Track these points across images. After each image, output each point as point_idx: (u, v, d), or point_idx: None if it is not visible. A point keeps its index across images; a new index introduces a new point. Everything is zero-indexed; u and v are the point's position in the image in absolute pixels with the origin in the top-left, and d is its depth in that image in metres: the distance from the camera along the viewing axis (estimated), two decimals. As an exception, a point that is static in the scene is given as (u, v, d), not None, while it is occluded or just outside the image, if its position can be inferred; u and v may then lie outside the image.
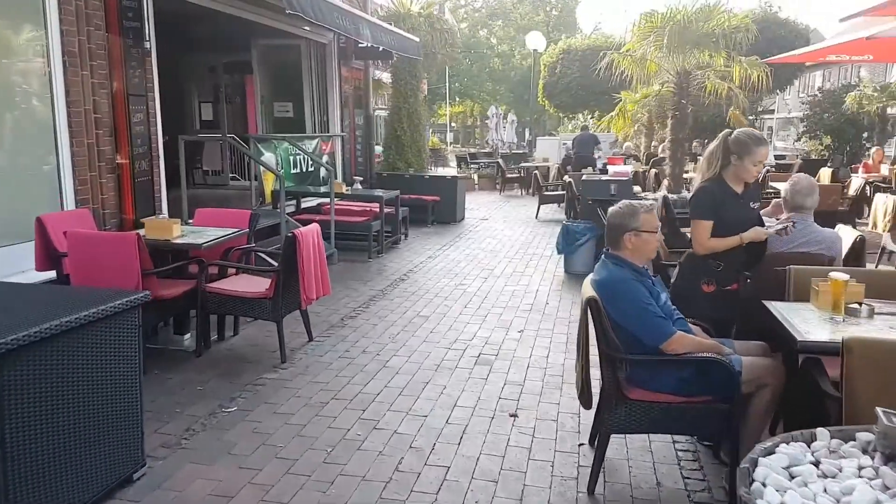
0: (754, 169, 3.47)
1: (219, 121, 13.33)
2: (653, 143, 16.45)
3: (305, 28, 9.91)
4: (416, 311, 6.08)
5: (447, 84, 31.08)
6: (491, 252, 9.00)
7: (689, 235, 3.61)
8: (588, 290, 3.00)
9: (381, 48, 11.43)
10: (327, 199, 9.30)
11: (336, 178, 10.90)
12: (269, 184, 8.76)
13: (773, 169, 12.29)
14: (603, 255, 3.15)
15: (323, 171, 9.94)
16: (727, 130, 3.60)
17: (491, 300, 6.51)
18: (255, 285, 4.83)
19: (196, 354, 4.78)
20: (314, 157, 9.53)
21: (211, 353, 4.88)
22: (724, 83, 8.93)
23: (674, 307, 3.11)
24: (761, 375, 2.93)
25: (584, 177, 8.14)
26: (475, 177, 17.55)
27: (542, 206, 12.69)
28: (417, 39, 11.03)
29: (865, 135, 16.51)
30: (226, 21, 8.97)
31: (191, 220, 5.79)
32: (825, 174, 11.14)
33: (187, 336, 5.07)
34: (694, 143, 15.39)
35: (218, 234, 4.93)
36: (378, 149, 14.58)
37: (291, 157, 9.34)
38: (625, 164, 14.11)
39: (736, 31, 8.83)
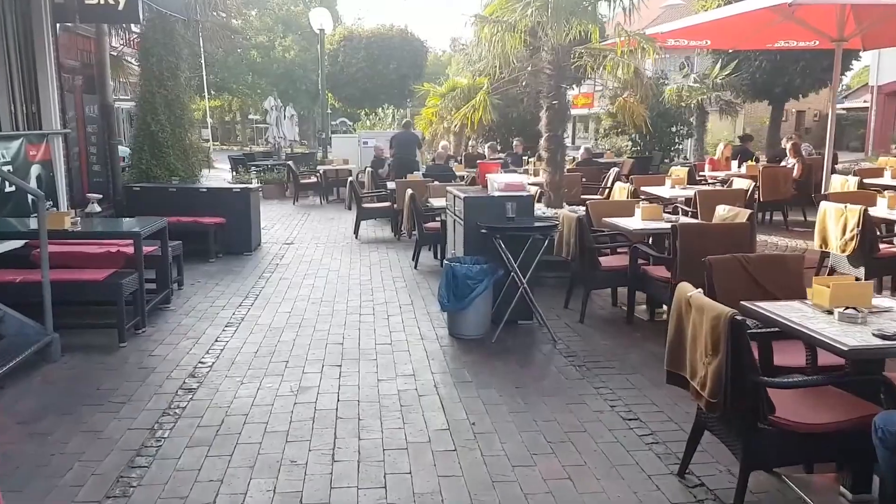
0: None
1: None
2: (470, 143, 14.36)
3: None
4: (233, 496, 2.97)
5: (204, 73, 26.72)
6: (324, 304, 5.98)
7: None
8: None
9: (121, 3, 7.80)
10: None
11: (53, 205, 7.01)
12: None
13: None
14: None
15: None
16: None
17: (373, 432, 3.54)
18: None
19: None
20: (9, 177, 5.71)
21: None
22: (630, 63, 6.88)
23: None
24: None
25: (463, 195, 5.50)
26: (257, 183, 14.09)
27: (361, 222, 9.85)
28: (179, -8, 7.57)
29: (674, 129, 16.12)
30: None
31: None
32: (681, 172, 9.80)
33: None
34: (514, 143, 13.60)
35: None
36: (124, 151, 10.77)
37: (-33, 171, 5.48)
38: (447, 163, 11.87)
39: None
